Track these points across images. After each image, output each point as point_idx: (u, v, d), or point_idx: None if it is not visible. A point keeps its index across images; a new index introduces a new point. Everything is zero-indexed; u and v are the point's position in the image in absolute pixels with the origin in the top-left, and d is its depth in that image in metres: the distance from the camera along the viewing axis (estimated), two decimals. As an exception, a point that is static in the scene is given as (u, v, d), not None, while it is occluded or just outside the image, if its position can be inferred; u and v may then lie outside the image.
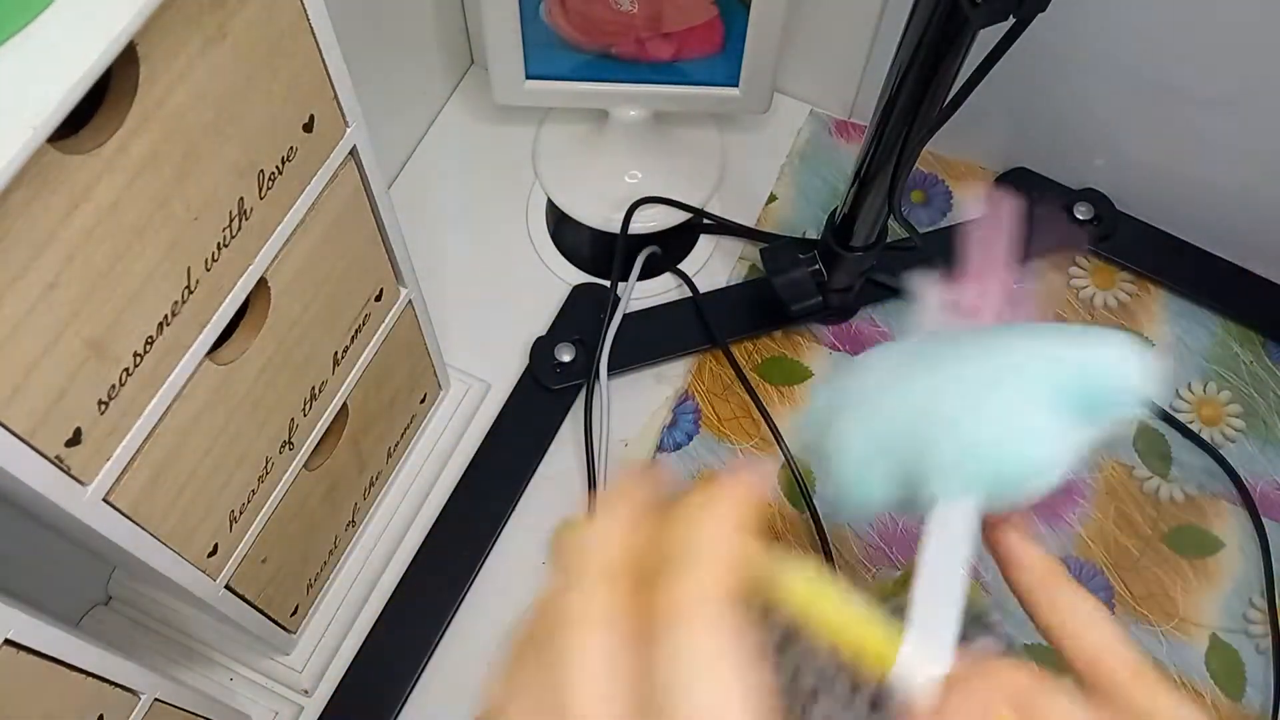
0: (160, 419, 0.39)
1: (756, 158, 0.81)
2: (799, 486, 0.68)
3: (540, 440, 0.70)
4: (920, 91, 0.52)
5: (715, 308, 0.74)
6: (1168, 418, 0.72)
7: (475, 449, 0.69)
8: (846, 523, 0.29)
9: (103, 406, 0.35)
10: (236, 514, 0.47)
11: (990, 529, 0.29)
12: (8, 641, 0.36)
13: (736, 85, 0.71)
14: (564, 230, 0.78)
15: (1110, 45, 0.67)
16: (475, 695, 0.63)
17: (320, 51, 0.39)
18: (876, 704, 0.32)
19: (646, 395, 0.72)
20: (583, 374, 0.71)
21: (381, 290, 0.53)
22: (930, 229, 0.79)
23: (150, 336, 0.36)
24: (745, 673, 0.20)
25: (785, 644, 0.32)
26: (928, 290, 0.29)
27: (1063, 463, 0.27)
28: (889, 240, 0.67)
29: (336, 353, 0.51)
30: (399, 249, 0.52)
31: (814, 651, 0.31)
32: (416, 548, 0.66)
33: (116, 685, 0.44)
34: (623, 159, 0.76)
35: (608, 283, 0.74)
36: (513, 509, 0.68)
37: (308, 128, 0.40)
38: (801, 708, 0.31)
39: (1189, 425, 0.72)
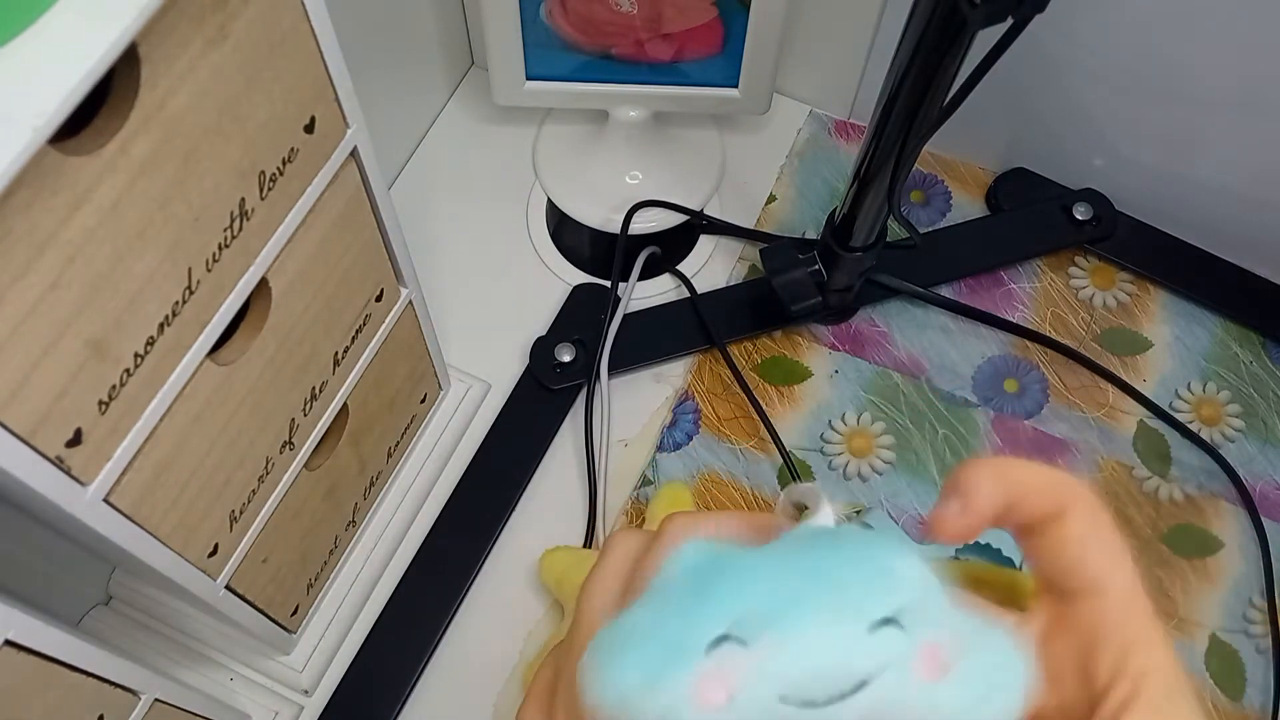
0: (161, 419, 0.39)
1: (756, 158, 0.81)
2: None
3: (540, 440, 0.70)
4: (920, 92, 0.52)
5: (714, 308, 0.74)
6: (1167, 418, 0.72)
7: (475, 449, 0.69)
8: None
9: (103, 407, 0.35)
10: (237, 514, 0.47)
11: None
12: (8, 642, 0.36)
13: (736, 86, 0.71)
14: (564, 230, 0.78)
15: (1109, 45, 0.68)
16: (475, 694, 0.64)
17: (321, 53, 0.39)
18: None
19: (646, 395, 0.72)
20: (583, 374, 0.71)
21: (382, 290, 0.53)
22: (930, 229, 0.79)
23: (151, 337, 0.36)
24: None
25: None
26: None
27: None
28: (888, 240, 0.67)
29: (337, 353, 0.51)
30: (399, 249, 0.52)
31: None
32: (416, 548, 0.66)
33: (116, 685, 0.44)
34: (623, 159, 0.76)
35: (608, 283, 0.74)
36: (513, 509, 0.68)
37: (309, 129, 0.41)
38: None
39: (1188, 425, 0.72)
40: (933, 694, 0.22)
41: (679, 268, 0.76)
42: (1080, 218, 0.77)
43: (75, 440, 0.34)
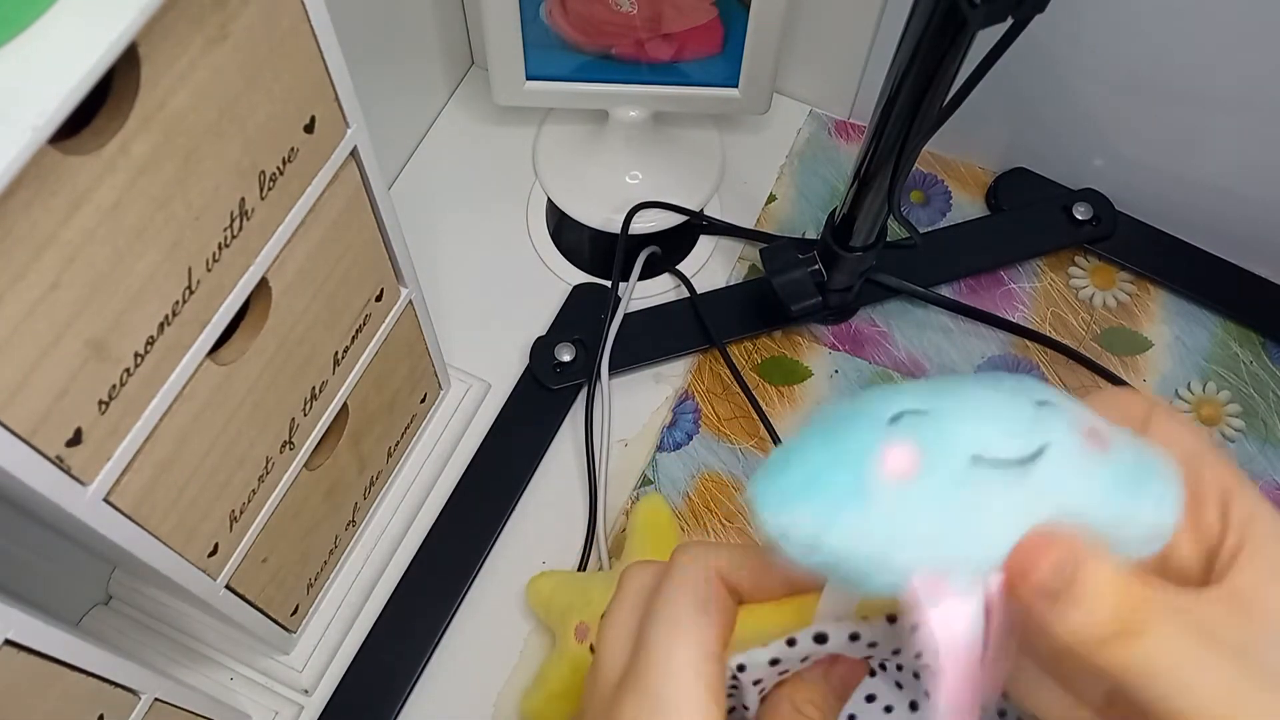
0: (161, 419, 0.39)
1: (756, 158, 0.81)
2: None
3: (540, 440, 0.70)
4: (920, 91, 0.52)
5: (714, 308, 0.74)
6: (1167, 418, 0.72)
7: (475, 449, 0.69)
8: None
9: (103, 406, 0.35)
10: (237, 514, 0.47)
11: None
12: (8, 642, 0.36)
13: (736, 86, 0.71)
14: (564, 230, 0.78)
15: (1109, 45, 0.68)
16: (475, 694, 0.64)
17: (321, 52, 0.39)
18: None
19: (646, 395, 0.72)
20: (583, 374, 0.71)
21: (382, 290, 0.53)
22: (930, 229, 0.79)
23: (151, 336, 0.36)
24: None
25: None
26: None
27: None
28: (888, 240, 0.67)
29: (337, 353, 0.51)
30: (399, 249, 0.52)
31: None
32: (416, 548, 0.66)
33: (116, 685, 0.44)
34: (623, 159, 0.76)
35: (608, 283, 0.74)
36: (513, 509, 0.68)
37: (309, 128, 0.41)
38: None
39: (1188, 425, 0.71)
40: (1101, 469, 0.22)
41: (679, 268, 0.76)
42: (1080, 218, 0.77)
43: (75, 440, 0.34)
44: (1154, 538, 0.23)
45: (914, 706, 0.32)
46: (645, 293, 0.76)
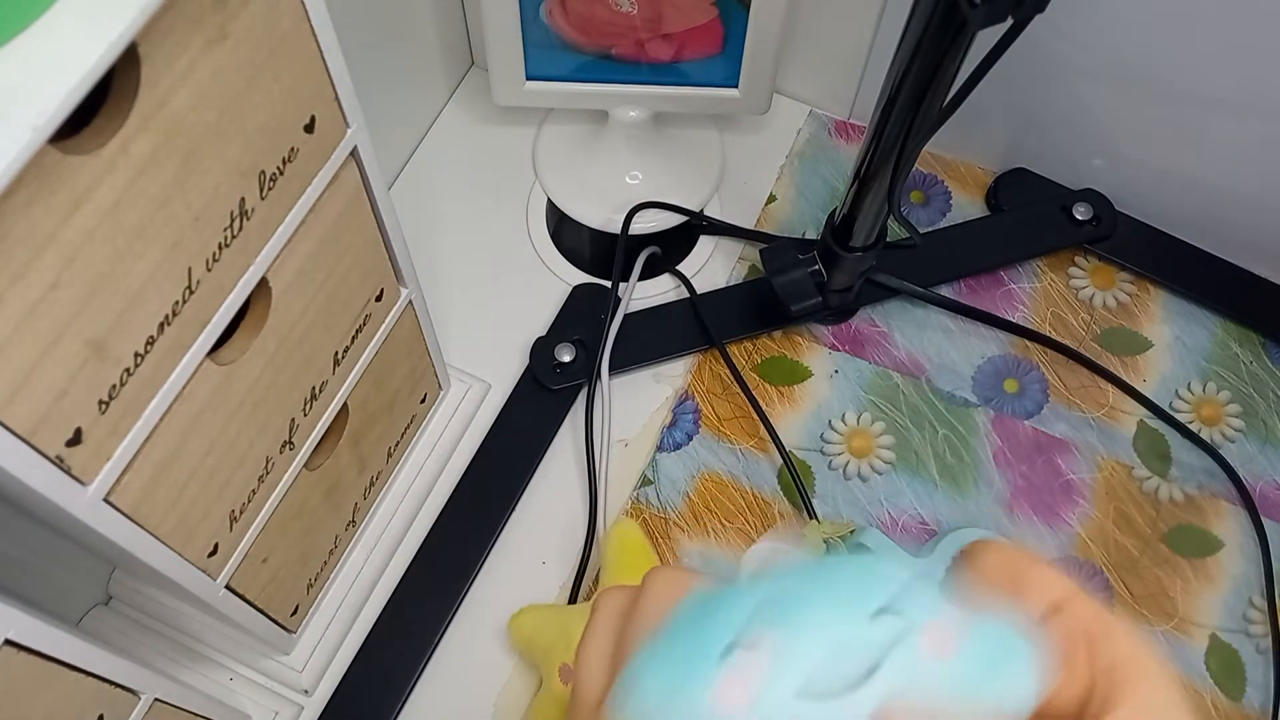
0: (161, 419, 0.39)
1: (756, 158, 0.81)
2: (796, 485, 0.68)
3: (540, 440, 0.70)
4: (920, 92, 0.52)
5: (714, 308, 0.74)
6: (1167, 418, 0.72)
7: (475, 449, 0.69)
8: None
9: (103, 406, 0.35)
10: (237, 514, 0.47)
11: None
12: (8, 642, 0.36)
13: (736, 86, 0.71)
14: (564, 230, 0.78)
15: (1109, 46, 0.68)
16: (475, 694, 0.64)
17: (321, 53, 0.39)
18: None
19: (646, 395, 0.72)
20: (583, 374, 0.71)
21: (382, 290, 0.53)
22: (930, 229, 0.79)
23: (151, 337, 0.36)
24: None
25: None
26: None
27: None
28: (888, 240, 0.67)
29: (337, 353, 0.51)
30: (399, 249, 0.52)
31: None
32: (416, 548, 0.66)
33: (116, 685, 0.44)
34: (623, 160, 0.76)
35: (608, 283, 0.74)
36: (513, 509, 0.68)
37: (309, 128, 0.41)
38: None
39: (1188, 425, 0.72)
40: (943, 670, 0.23)
41: (679, 268, 0.76)
42: (1080, 218, 0.77)
43: (75, 440, 0.34)
44: (1017, 711, 0.23)
45: None
46: (645, 293, 0.76)
